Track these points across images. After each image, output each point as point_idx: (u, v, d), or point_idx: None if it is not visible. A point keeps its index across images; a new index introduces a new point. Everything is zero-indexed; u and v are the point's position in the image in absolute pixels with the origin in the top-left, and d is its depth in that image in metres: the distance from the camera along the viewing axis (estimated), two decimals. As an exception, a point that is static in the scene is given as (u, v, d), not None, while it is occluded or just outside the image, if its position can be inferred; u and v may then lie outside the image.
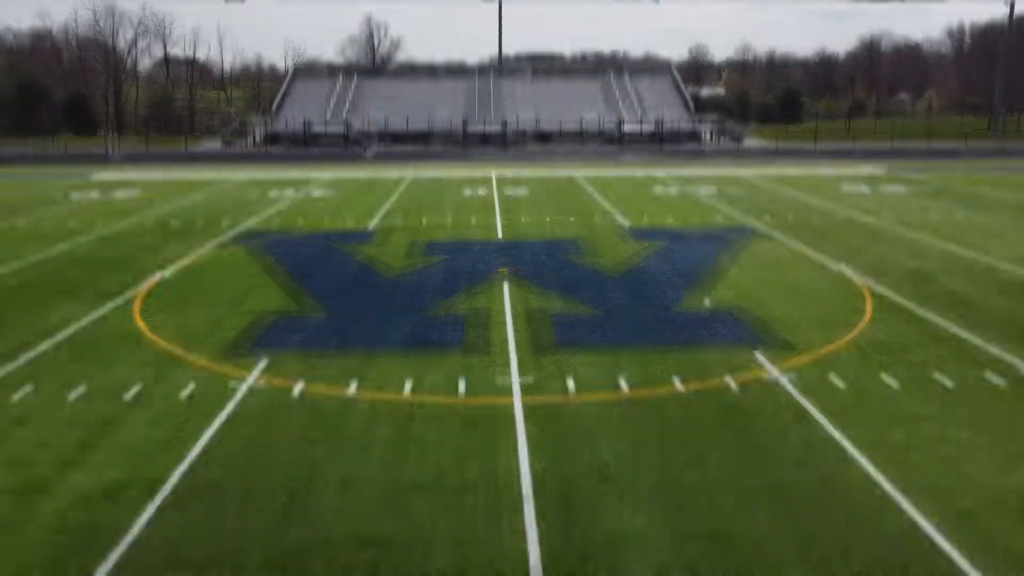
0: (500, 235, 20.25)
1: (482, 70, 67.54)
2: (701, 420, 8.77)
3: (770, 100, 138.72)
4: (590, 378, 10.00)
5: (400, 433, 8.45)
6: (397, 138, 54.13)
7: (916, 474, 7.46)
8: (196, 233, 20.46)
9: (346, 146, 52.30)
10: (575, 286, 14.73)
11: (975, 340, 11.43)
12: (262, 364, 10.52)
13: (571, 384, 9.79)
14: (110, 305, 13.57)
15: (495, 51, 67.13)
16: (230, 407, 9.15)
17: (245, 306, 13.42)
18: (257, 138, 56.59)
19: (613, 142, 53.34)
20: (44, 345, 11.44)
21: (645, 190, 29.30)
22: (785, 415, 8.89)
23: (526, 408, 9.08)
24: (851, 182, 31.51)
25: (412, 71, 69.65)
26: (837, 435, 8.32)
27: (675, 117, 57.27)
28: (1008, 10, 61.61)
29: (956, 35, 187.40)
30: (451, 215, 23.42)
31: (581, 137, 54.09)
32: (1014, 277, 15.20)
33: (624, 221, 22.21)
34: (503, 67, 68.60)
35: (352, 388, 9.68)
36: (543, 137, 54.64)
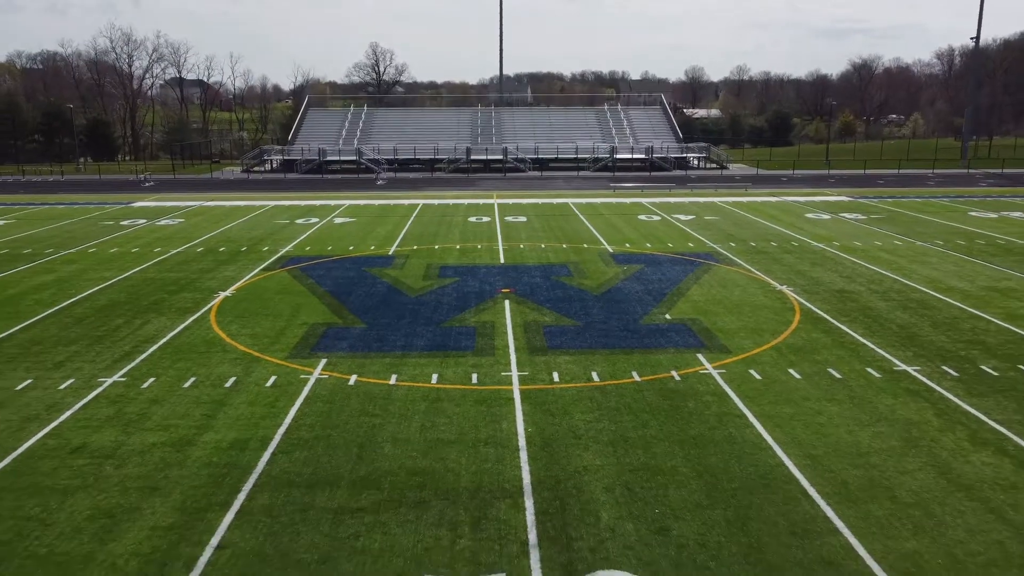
0: (502, 260, 23.47)
1: (484, 100, 70.99)
2: (648, 400, 11.95)
3: (761, 123, 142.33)
4: (570, 372, 13.20)
5: (431, 408, 11.64)
6: (405, 164, 57.59)
7: (791, 433, 10.65)
8: (242, 258, 23.70)
9: (358, 173, 55.70)
10: (563, 303, 17.93)
11: (869, 345, 14.63)
12: (322, 363, 13.72)
13: (556, 376, 12.99)
14: (190, 319, 16.78)
15: (496, 71, 70.39)
16: (305, 391, 12.35)
17: (299, 319, 16.63)
18: (274, 165, 60.07)
19: (607, 169, 56.74)
20: (151, 348, 14.64)
21: (631, 217, 32.55)
22: (710, 397, 12.07)
23: (522, 392, 12.27)
24: (815, 210, 34.77)
25: (418, 100, 73.15)
26: (745, 410, 11.51)
27: (665, 144, 60.74)
28: (974, 41, 65.09)
29: (945, 57, 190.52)
30: (459, 242, 26.67)
31: (577, 164, 57.52)
32: (918, 296, 18.41)
33: (608, 247, 25.44)
34: (503, 87, 72.07)
35: (393, 379, 12.89)
36: (541, 164, 58.04)
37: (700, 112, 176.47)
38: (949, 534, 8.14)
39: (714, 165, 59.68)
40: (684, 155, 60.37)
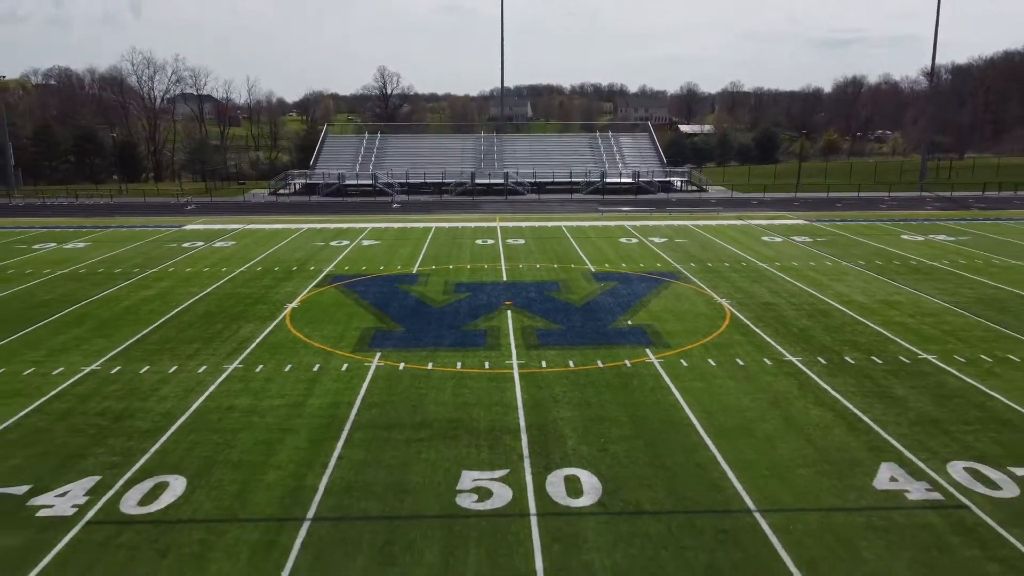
0: (505, 278, 28.74)
1: (487, 126, 76.46)
2: (606, 379, 17.20)
3: (749, 141, 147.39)
4: (553, 361, 18.45)
5: (458, 384, 16.88)
6: (416, 188, 62.98)
7: (697, 399, 15.89)
8: (295, 276, 28.96)
9: (375, 196, 61.08)
10: (552, 312, 23.18)
11: (772, 343, 19.88)
12: (378, 355, 18.97)
13: (543, 363, 18.24)
14: (271, 324, 22.03)
15: (497, 83, 75.80)
16: (370, 374, 17.59)
17: (353, 324, 21.88)
18: (296, 187, 65.48)
19: (598, 192, 62.12)
20: (251, 346, 19.90)
21: (613, 240, 37.83)
22: (649, 377, 17.31)
23: (520, 374, 17.52)
24: (772, 233, 40.05)
25: (427, 128, 78.67)
26: (670, 384, 16.74)
27: (651, 169, 66.15)
28: (929, 75, 70.45)
29: (931, 74, 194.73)
30: (469, 262, 31.95)
31: (571, 186, 62.91)
32: (823, 307, 23.67)
33: (591, 267, 30.72)
34: (504, 102, 77.65)
35: (430, 365, 18.14)
36: (539, 187, 63.42)
37: (694, 128, 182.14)
38: (776, 451, 13.38)
39: (695, 188, 65.03)
40: (668, 178, 65.75)
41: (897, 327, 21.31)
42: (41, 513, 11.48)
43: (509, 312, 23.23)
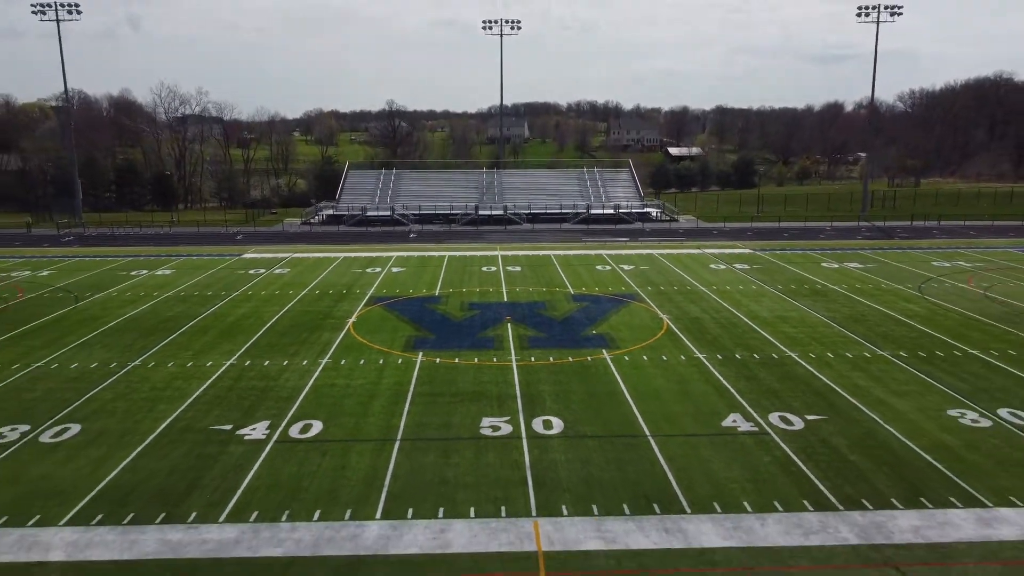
0: (505, 298, 37.14)
1: (489, 164, 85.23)
2: (573, 369, 25.60)
3: (729, 167, 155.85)
4: (539, 357, 26.87)
5: (477, 371, 25.29)
6: (427, 218, 71.50)
7: (631, 380, 24.32)
8: (347, 298, 37.33)
9: (393, 225, 69.61)
10: (539, 325, 31.58)
11: (690, 345, 28.31)
12: (420, 354, 27.37)
13: (532, 359, 26.66)
14: (340, 334, 30.42)
15: (494, 100, 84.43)
16: (417, 365, 25.98)
17: (399, 333, 30.27)
18: (323, 217, 73.97)
19: (584, 221, 70.70)
20: (332, 348, 28.29)
21: (591, 267, 46.29)
22: (602, 368, 25.72)
23: (517, 366, 25.94)
24: (719, 261, 48.54)
25: (437, 165, 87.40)
26: (615, 372, 25.15)
27: (629, 202, 74.81)
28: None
29: (907, 99, 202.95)
30: (478, 285, 40.37)
31: (560, 218, 71.47)
32: (736, 321, 32.11)
33: (571, 290, 39.16)
34: (503, 123, 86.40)
35: (456, 360, 26.55)
36: (533, 217, 71.96)
37: (682, 151, 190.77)
38: (670, 408, 21.77)
39: (667, 218, 73.63)
40: (645, 209, 74.38)
41: (781, 335, 29.79)
42: (247, 437, 19.84)
43: (509, 325, 31.63)
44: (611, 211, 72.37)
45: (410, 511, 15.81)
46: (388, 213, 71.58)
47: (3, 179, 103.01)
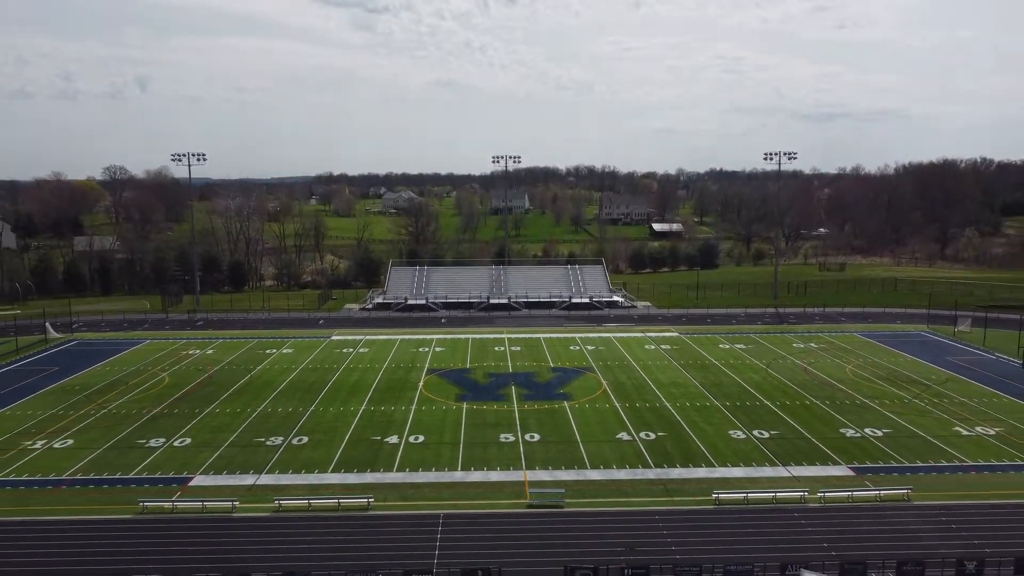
0: (510, 370, 57.37)
1: (496, 262, 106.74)
2: (547, 413, 45.84)
3: (694, 252, 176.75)
4: (529, 405, 47.12)
5: (496, 412, 45.55)
6: (451, 306, 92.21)
7: (579, 420, 44.55)
8: (415, 370, 57.53)
9: (427, 311, 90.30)
10: (530, 386, 51.81)
11: (615, 400, 48.54)
12: (465, 404, 47.59)
13: (525, 406, 46.88)
14: (416, 392, 50.63)
15: (496, 161, 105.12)
16: (464, 409, 46.19)
17: (451, 392, 50.51)
18: (374, 303, 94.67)
19: (566, 308, 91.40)
20: (414, 401, 48.51)
21: (566, 347, 66.54)
22: (563, 412, 45.96)
23: (517, 410, 46.14)
24: (652, 342, 68.74)
25: (457, 264, 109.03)
26: (570, 414, 45.33)
27: (601, 292, 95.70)
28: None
29: (877, 178, 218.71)
30: (493, 360, 60.63)
31: (549, 305, 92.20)
32: (644, 384, 52.30)
33: (552, 364, 59.38)
34: (506, 193, 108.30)
35: (485, 406, 46.77)
36: (530, 304, 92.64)
37: (665, 227, 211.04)
38: (591, 430, 41.90)
39: (628, 304, 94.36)
40: (612, 298, 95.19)
41: (666, 393, 49.99)
42: (388, 442, 39.96)
43: (513, 387, 51.86)
44: (587, 300, 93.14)
45: (472, 468, 35.91)
46: (424, 301, 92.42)
47: (121, 264, 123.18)
